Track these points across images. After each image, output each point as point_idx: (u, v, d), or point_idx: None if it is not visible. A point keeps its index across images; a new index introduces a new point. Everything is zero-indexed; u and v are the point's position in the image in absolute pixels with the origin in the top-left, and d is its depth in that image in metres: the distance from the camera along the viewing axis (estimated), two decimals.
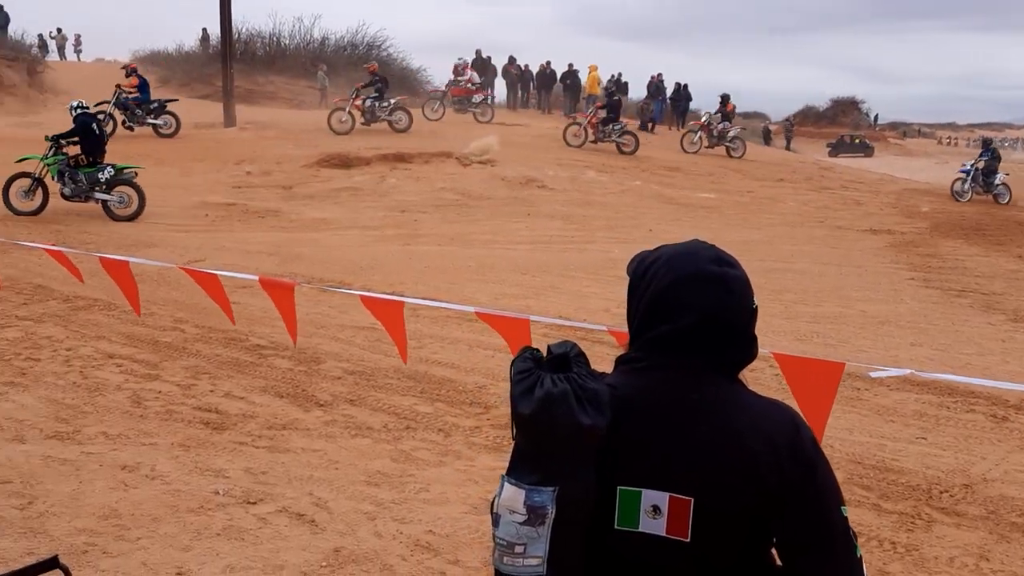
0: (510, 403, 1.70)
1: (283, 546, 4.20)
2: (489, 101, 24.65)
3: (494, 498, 1.75)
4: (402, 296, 3.21)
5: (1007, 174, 21.36)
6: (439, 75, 48.85)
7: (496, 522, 1.72)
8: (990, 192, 20.84)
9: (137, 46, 43.06)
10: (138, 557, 4.04)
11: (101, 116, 16.68)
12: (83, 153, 13.76)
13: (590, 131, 22.54)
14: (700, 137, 24.07)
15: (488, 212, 15.56)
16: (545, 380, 1.67)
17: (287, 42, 34.14)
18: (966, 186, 20.71)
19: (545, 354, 1.75)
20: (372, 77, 22.00)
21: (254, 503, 4.65)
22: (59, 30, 39.73)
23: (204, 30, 36.03)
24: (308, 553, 4.14)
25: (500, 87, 31.25)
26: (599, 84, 27.28)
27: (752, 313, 1.80)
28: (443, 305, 3.59)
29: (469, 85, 23.94)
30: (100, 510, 4.51)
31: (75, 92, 31.53)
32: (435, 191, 16.88)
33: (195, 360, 7.21)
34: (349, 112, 21.70)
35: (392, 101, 21.97)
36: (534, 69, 30.28)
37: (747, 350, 1.80)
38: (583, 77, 28.57)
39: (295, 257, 11.53)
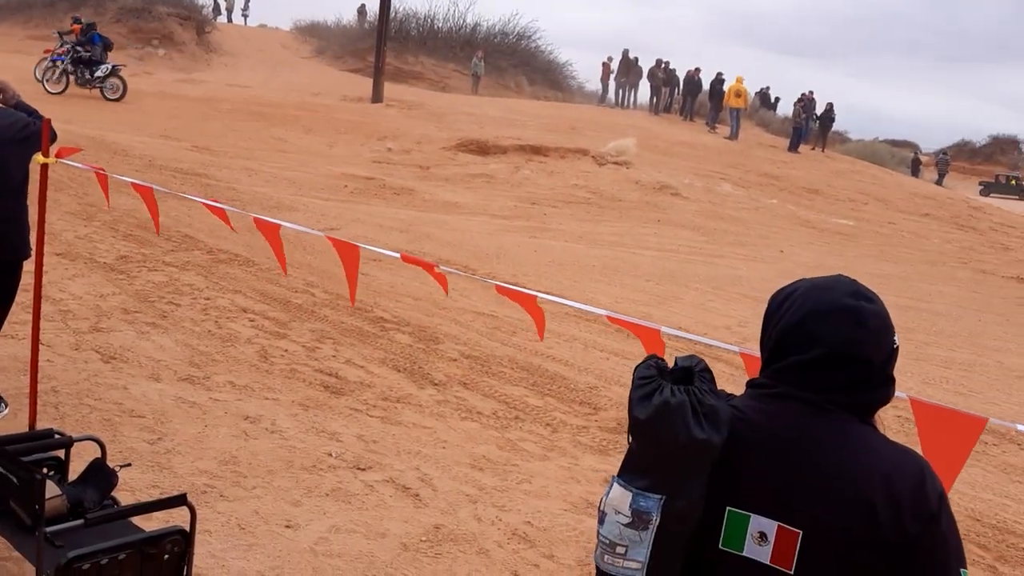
0: (628, 406, 1.72)
1: (386, 515, 4.34)
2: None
3: (603, 495, 1.77)
4: (535, 291, 3.25)
5: None
6: (585, 71, 48.89)
7: (601, 520, 1.75)
8: None
9: (299, 16, 44.82)
10: (251, 505, 4.25)
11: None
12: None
13: None
14: None
15: (618, 214, 15.50)
16: (665, 389, 1.68)
17: (440, 25, 34.84)
18: None
19: (671, 365, 1.76)
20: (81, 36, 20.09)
21: (363, 469, 4.82)
22: None
23: (363, 5, 37.14)
24: (409, 525, 4.27)
25: (644, 89, 30.97)
26: (744, 96, 26.62)
27: (891, 352, 1.75)
28: (576, 305, 3.61)
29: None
30: (221, 455, 4.77)
31: (238, 53, 33.14)
32: (567, 187, 16.93)
33: (321, 324, 7.49)
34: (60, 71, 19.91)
35: (110, 66, 20.13)
36: (681, 74, 29.86)
37: (881, 390, 1.75)
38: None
39: (424, 236, 11.79)
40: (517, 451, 5.40)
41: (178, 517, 3.21)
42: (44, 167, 4.49)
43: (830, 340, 1.70)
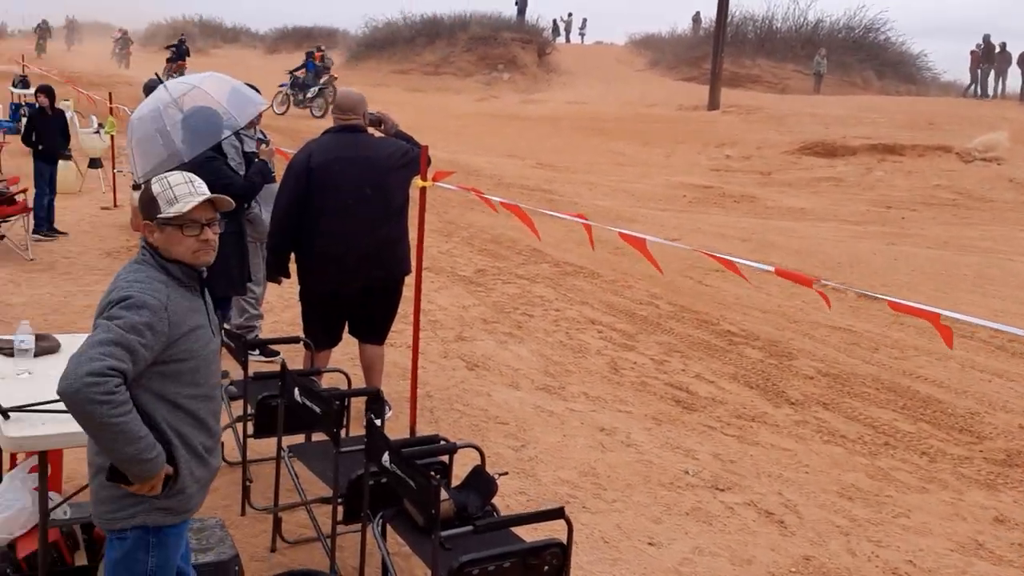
0: None
1: (751, 540, 4.13)
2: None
3: None
4: (937, 308, 2.89)
5: None
6: (942, 61, 44.59)
7: None
8: None
9: (634, 30, 45.61)
10: (613, 519, 4.25)
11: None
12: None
13: None
14: None
15: (989, 216, 13.84)
16: None
17: (779, 25, 33.57)
18: None
19: None
20: None
21: (722, 490, 4.64)
22: (569, 14, 43.55)
23: (697, 13, 36.89)
24: (776, 554, 4.02)
25: (1015, 77, 27.49)
26: None
27: None
28: (988, 324, 3.16)
29: None
30: (580, 466, 4.84)
31: (575, 71, 34.39)
32: (928, 188, 15.45)
33: (668, 337, 7.42)
34: None
35: (318, 88, 22.43)
36: None
37: None
38: None
39: (768, 245, 11.33)
40: (890, 481, 4.92)
41: (545, 528, 3.25)
42: (423, 190, 4.85)
43: None
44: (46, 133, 9.66)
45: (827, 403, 6.08)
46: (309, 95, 22.92)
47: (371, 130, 5.14)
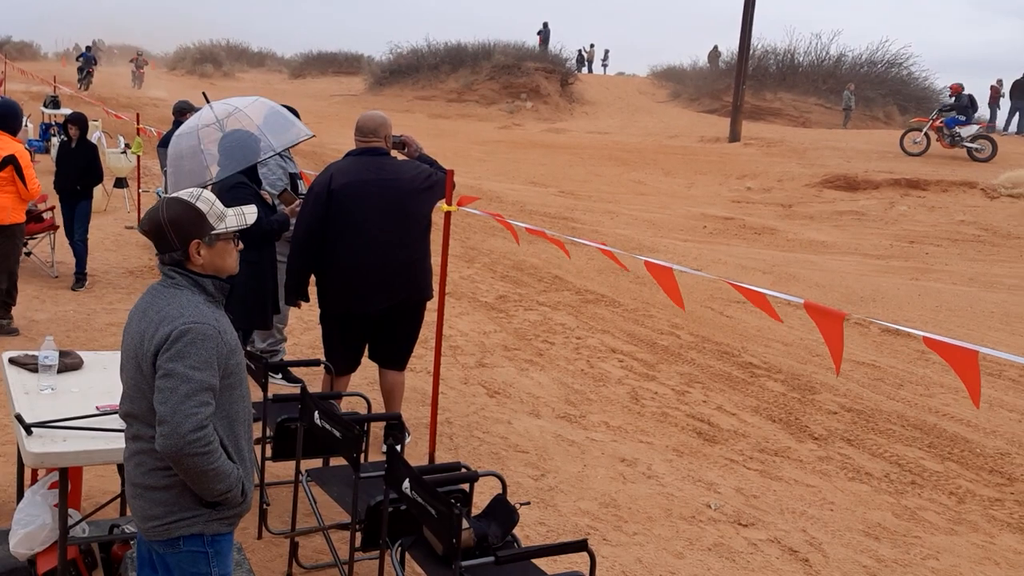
0: None
1: None
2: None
3: None
4: (976, 346, 2.83)
5: None
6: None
7: None
8: None
9: (655, 62, 45.76)
10: (634, 552, 4.18)
11: None
12: None
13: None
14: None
15: (1017, 253, 13.68)
16: None
17: (801, 59, 33.59)
18: None
19: None
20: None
21: (745, 525, 4.56)
22: (591, 46, 43.74)
23: (715, 47, 37.00)
24: None
25: None
26: None
27: None
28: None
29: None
30: (601, 497, 4.77)
31: (597, 101, 34.52)
32: (952, 223, 15.31)
33: (689, 367, 7.35)
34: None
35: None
36: None
37: None
38: None
39: (789, 277, 11.24)
40: (917, 521, 4.81)
41: (565, 560, 3.18)
42: (447, 215, 4.84)
43: None
44: (62, 168, 8.54)
45: (851, 439, 5.98)
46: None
47: (394, 153, 5.14)
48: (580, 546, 2.79)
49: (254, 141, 4.82)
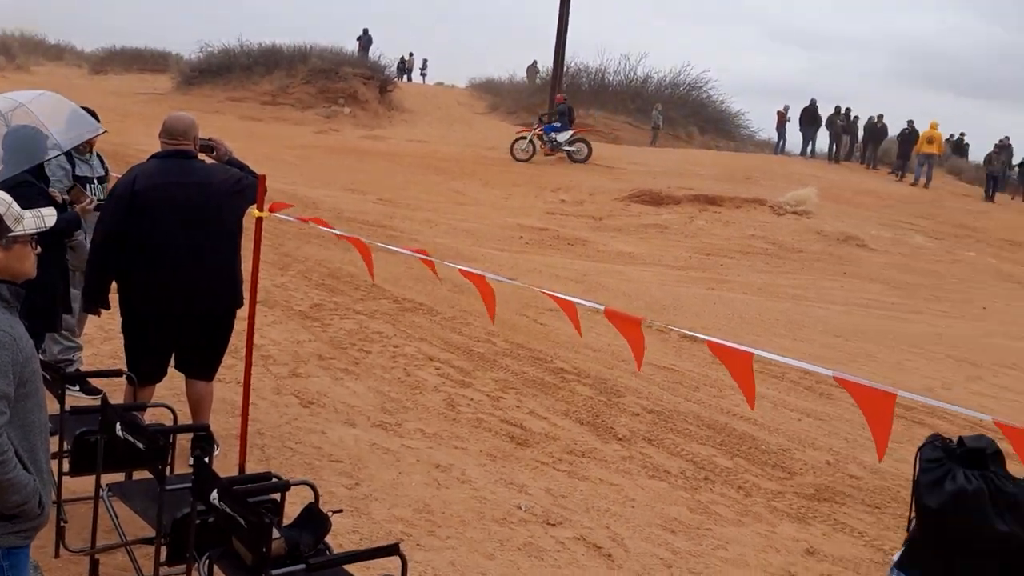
0: (913, 491, 1.56)
1: (580, 574, 4.25)
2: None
3: None
4: (751, 348, 3.11)
5: None
6: (759, 120, 47.90)
7: None
8: None
9: (474, 74, 46.40)
10: (447, 556, 4.26)
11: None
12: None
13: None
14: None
15: (799, 265, 14.93)
16: (958, 474, 1.52)
17: (611, 78, 35.12)
18: None
19: (956, 444, 1.59)
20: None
21: (553, 525, 4.75)
22: (410, 54, 43.82)
23: (534, 62, 38.02)
24: None
25: (824, 137, 29.85)
26: (938, 142, 25.20)
27: None
28: (799, 364, 3.43)
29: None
30: (415, 503, 4.83)
31: (417, 110, 34.58)
32: (744, 237, 16.49)
33: (503, 374, 7.54)
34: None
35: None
36: (862, 120, 28.67)
37: None
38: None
39: (599, 287, 11.74)
40: (709, 514, 5.18)
41: (378, 566, 3.22)
42: (259, 220, 4.75)
43: None
44: None
45: (652, 439, 6.35)
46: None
47: (202, 156, 4.99)
48: (391, 550, 2.84)
49: (41, 138, 4.56)
